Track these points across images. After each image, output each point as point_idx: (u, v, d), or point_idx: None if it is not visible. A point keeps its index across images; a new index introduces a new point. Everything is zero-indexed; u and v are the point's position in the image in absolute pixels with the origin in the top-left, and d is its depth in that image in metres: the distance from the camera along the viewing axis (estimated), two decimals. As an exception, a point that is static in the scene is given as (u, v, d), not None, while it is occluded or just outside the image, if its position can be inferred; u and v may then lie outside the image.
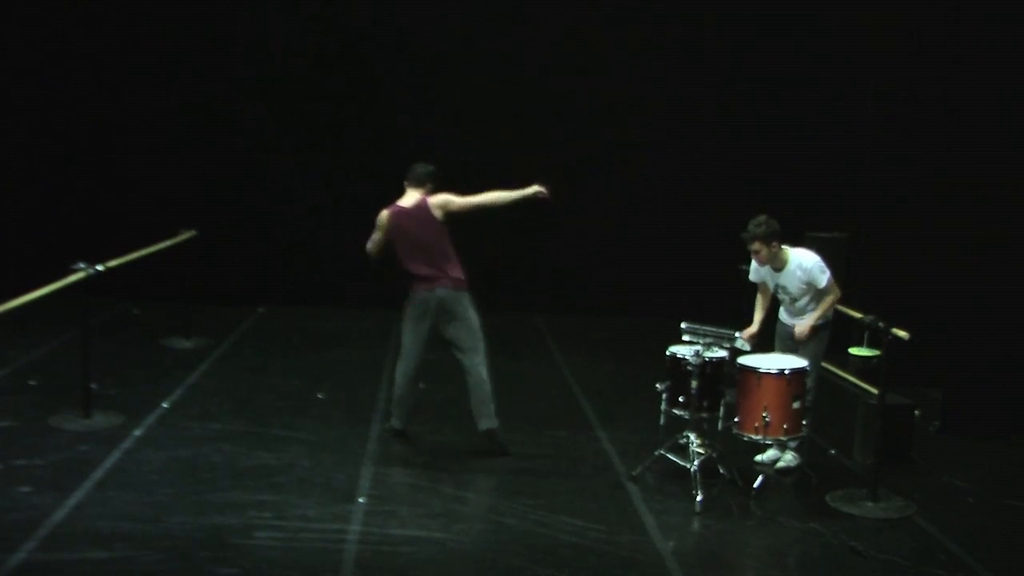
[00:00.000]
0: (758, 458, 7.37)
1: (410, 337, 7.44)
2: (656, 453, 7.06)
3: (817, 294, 7.18)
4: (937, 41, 9.96)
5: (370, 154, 11.54)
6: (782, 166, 11.10)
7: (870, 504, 6.73)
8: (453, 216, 7.34)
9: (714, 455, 6.96)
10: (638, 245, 11.93)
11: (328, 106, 11.96)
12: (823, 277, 7.12)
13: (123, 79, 11.85)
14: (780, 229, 7.10)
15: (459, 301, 7.33)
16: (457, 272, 7.35)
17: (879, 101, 10.46)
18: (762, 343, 7.38)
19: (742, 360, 6.96)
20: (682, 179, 11.65)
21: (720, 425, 7.00)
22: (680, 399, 6.93)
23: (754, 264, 7.35)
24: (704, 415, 6.94)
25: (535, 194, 7.26)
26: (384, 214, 7.39)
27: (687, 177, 11.62)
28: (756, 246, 7.11)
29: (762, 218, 7.10)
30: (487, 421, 7.39)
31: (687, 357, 6.85)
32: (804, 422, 6.92)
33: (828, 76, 11.08)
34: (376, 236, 7.42)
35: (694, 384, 6.82)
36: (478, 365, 7.38)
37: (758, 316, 7.47)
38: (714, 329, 6.96)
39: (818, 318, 7.18)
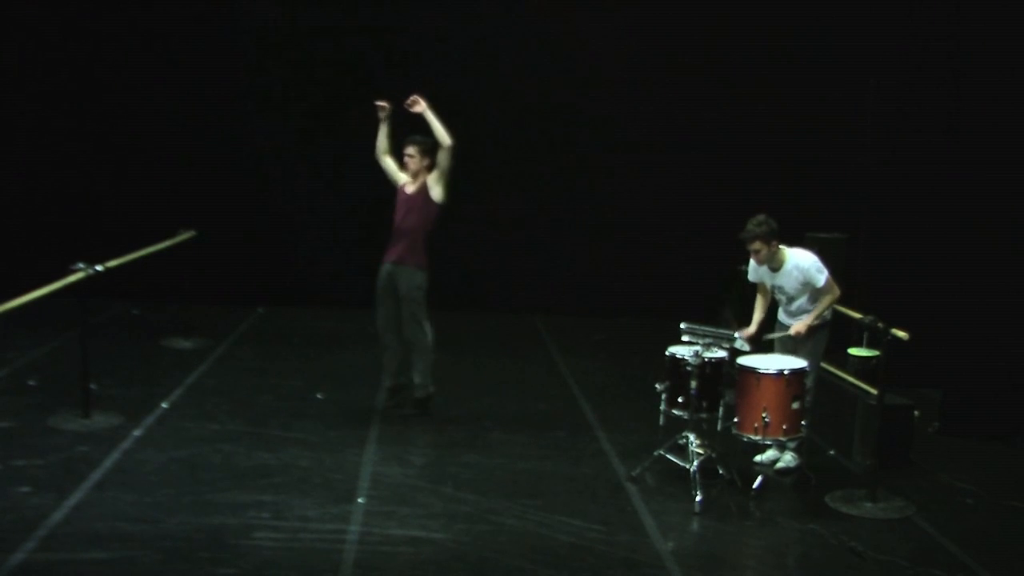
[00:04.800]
0: (757, 459, 7.38)
1: (376, 298, 8.16)
2: (655, 453, 7.06)
3: (814, 293, 7.18)
4: (937, 40, 9.95)
5: (370, 154, 11.50)
6: (782, 166, 11.11)
7: (869, 505, 6.73)
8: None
9: (713, 456, 6.95)
10: (637, 245, 11.93)
11: (328, 106, 11.93)
12: (821, 276, 7.13)
13: (123, 79, 11.83)
14: (779, 228, 7.11)
15: (402, 278, 7.95)
16: (415, 253, 7.93)
17: (879, 99, 10.45)
18: (761, 343, 7.38)
19: (741, 360, 6.96)
20: (681, 179, 11.63)
21: (719, 426, 7.00)
22: (679, 399, 6.93)
23: (752, 264, 7.36)
24: (703, 415, 6.94)
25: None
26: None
27: (686, 177, 11.60)
28: (756, 245, 7.11)
29: (761, 217, 7.11)
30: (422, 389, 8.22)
31: (686, 357, 6.85)
32: (803, 423, 6.92)
33: (828, 75, 11.07)
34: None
35: (693, 384, 6.82)
36: (412, 345, 8.10)
37: (757, 316, 7.47)
38: (713, 329, 6.96)
39: (816, 317, 7.18)
